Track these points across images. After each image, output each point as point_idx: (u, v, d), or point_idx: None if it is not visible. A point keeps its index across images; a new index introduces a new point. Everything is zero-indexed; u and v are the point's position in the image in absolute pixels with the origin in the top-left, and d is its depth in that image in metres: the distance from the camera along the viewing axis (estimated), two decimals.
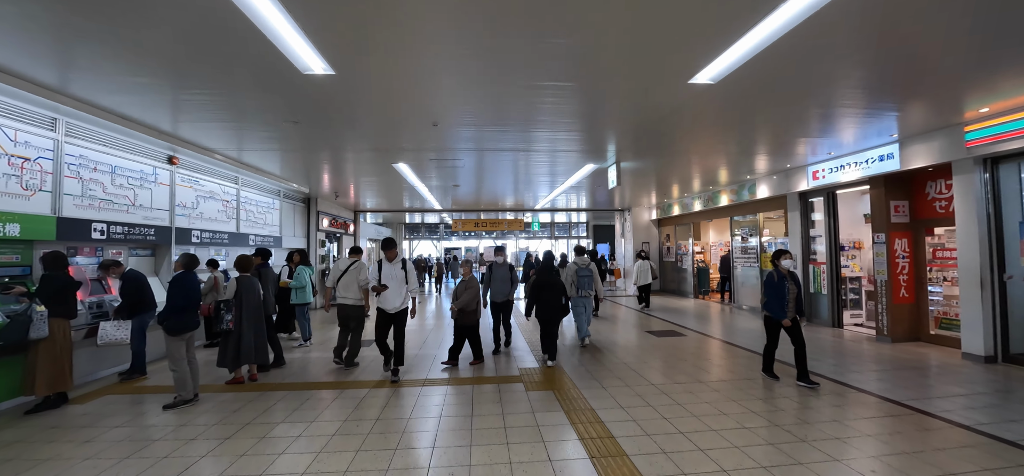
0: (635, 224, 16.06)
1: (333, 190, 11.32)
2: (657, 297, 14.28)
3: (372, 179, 10.11)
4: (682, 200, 13.70)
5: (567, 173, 9.46)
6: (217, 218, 8.27)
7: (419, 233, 23.59)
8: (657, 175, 10.07)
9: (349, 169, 8.91)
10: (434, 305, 13.06)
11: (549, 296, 5.96)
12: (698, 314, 10.57)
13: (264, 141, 6.63)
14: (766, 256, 10.55)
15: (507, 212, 17.05)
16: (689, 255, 14.10)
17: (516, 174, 9.79)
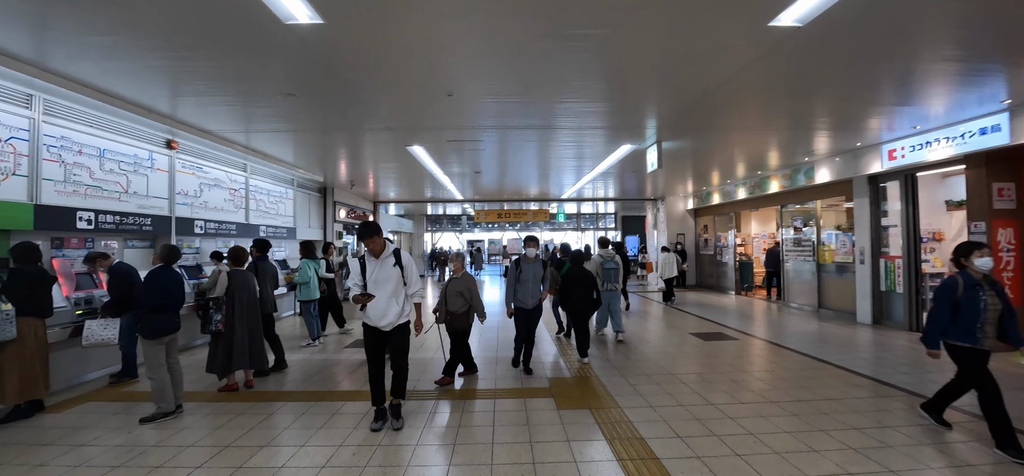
0: (669, 214, 14.95)
1: (349, 179, 10.75)
2: (694, 293, 13.20)
3: (389, 166, 9.46)
4: (724, 188, 12.53)
5: (598, 157, 8.54)
6: (224, 207, 7.77)
7: (441, 225, 23.04)
8: (697, 159, 9.02)
9: (363, 155, 8.27)
10: None
11: (581, 290, 5.68)
12: (743, 313, 9.51)
13: (269, 121, 6.01)
14: (824, 249, 9.37)
15: (531, 202, 16.23)
16: (730, 248, 12.93)
17: (541, 160, 8.94)
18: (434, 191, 13.58)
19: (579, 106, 5.43)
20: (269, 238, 9.11)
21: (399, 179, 11.33)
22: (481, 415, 4.04)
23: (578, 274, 5.71)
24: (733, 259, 12.79)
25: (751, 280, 12.57)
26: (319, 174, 10.08)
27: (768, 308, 10.15)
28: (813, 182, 9.17)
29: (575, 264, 5.82)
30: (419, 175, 10.44)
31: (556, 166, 9.60)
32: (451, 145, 7.28)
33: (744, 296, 12.33)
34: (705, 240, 14.42)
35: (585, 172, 10.27)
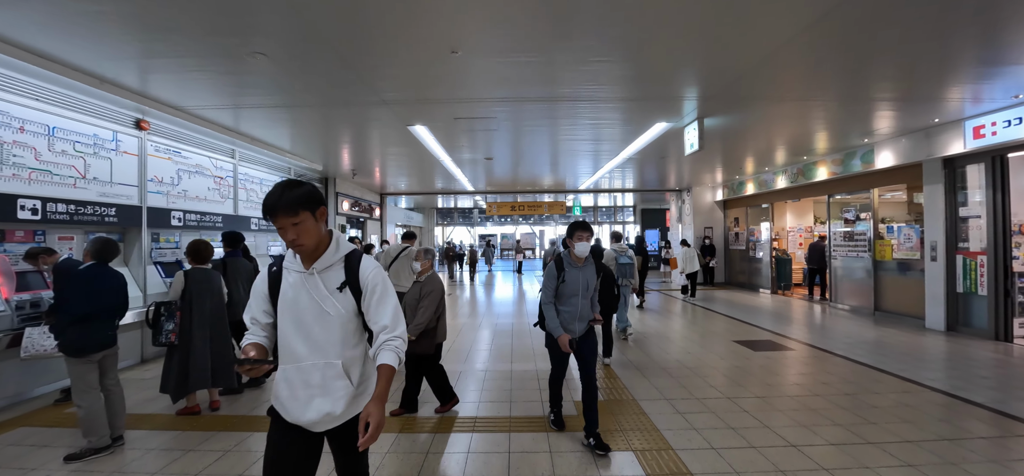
0: (696, 207, 13.84)
1: (351, 168, 9.93)
2: (723, 291, 12.13)
3: (393, 153, 8.60)
4: (760, 176, 11.38)
5: (624, 139, 7.53)
6: (207, 197, 6.99)
7: (452, 219, 22.24)
8: (738, 141, 7.94)
9: (362, 139, 7.42)
10: (469, 295, 11.55)
11: (601, 288, 4.85)
12: (787, 315, 8.44)
13: (253, 94, 5.16)
14: (882, 244, 8.24)
15: (545, 194, 15.27)
16: (766, 242, 11.80)
17: (558, 145, 7.99)
18: (444, 182, 12.71)
19: (607, 69, 4.46)
20: (261, 231, 8.36)
21: (406, 169, 10.48)
22: (483, 460, 3.14)
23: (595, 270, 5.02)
24: (769, 255, 11.66)
25: (789, 278, 11.44)
26: (318, 162, 9.27)
27: (813, 310, 9.05)
28: (871, 167, 8.02)
29: (593, 259, 5.10)
30: (427, 164, 9.57)
31: (574, 152, 8.63)
32: (459, 124, 6.37)
33: (781, 295, 11.22)
34: (735, 234, 13.29)
35: (606, 159, 9.27)
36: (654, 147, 7.94)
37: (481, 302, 10.87)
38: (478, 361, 5.54)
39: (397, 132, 6.71)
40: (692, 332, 7.14)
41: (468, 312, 9.28)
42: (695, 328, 7.43)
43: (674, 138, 7.15)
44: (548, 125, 6.58)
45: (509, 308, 9.76)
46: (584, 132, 7.05)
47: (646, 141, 7.42)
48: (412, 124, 6.28)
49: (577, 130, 6.91)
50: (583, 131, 6.99)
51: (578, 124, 6.55)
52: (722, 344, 6.26)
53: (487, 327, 7.66)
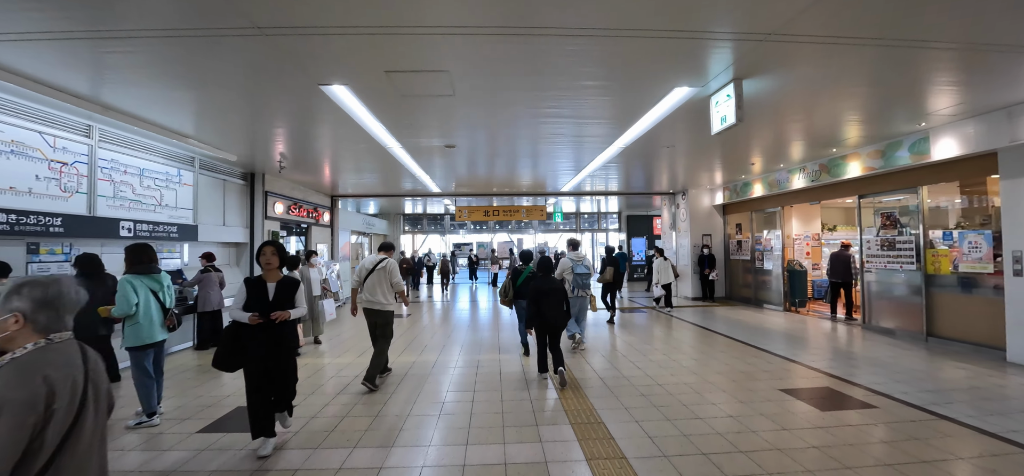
0: (692, 212, 12.26)
1: (278, 160, 7.84)
2: (724, 307, 10.54)
3: (322, 136, 6.60)
4: (771, 175, 9.84)
5: (631, 112, 5.74)
6: (34, 189, 4.84)
7: (421, 226, 20.16)
8: (765, 122, 6.30)
9: (267, 113, 5.40)
10: (436, 314, 9.49)
11: (551, 302, 4.90)
12: (821, 342, 6.80)
13: (114, 44, 3.15)
14: (935, 254, 6.70)
15: (523, 197, 13.44)
16: (776, 251, 10.25)
17: (538, 129, 6.17)
18: (405, 183, 10.72)
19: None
20: (151, 237, 6.21)
21: (353, 163, 8.47)
22: None
23: (546, 285, 4.92)
24: (780, 266, 10.10)
25: (804, 293, 9.89)
26: (229, 149, 7.15)
27: (845, 333, 7.45)
28: (924, 159, 6.49)
29: (542, 272, 5.06)
30: (376, 156, 7.60)
31: (559, 139, 6.82)
32: (397, 85, 4.45)
33: (795, 312, 9.66)
34: (738, 243, 11.73)
35: (599, 148, 7.49)
36: (664, 129, 6.20)
37: (451, 324, 8.90)
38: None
39: (305, 97, 4.73)
40: (713, 370, 5.35)
41: (433, 340, 7.29)
42: (715, 365, 5.66)
43: (694, 115, 5.41)
44: (526, 93, 4.74)
45: (486, 335, 7.83)
46: (575, 105, 5.25)
47: (657, 117, 5.64)
48: (326, 82, 4.32)
49: (567, 100, 5.09)
50: (574, 103, 5.18)
51: (568, 91, 4.73)
52: (767, 396, 4.48)
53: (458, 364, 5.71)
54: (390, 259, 4.99)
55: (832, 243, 12.44)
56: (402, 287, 4.99)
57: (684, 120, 5.70)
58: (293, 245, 11.00)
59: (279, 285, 3.47)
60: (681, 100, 4.95)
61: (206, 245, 7.75)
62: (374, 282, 4.86)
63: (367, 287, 4.87)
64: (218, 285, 6.98)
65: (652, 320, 9.05)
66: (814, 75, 4.39)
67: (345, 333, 8.05)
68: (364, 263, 4.99)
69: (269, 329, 3.33)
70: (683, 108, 5.20)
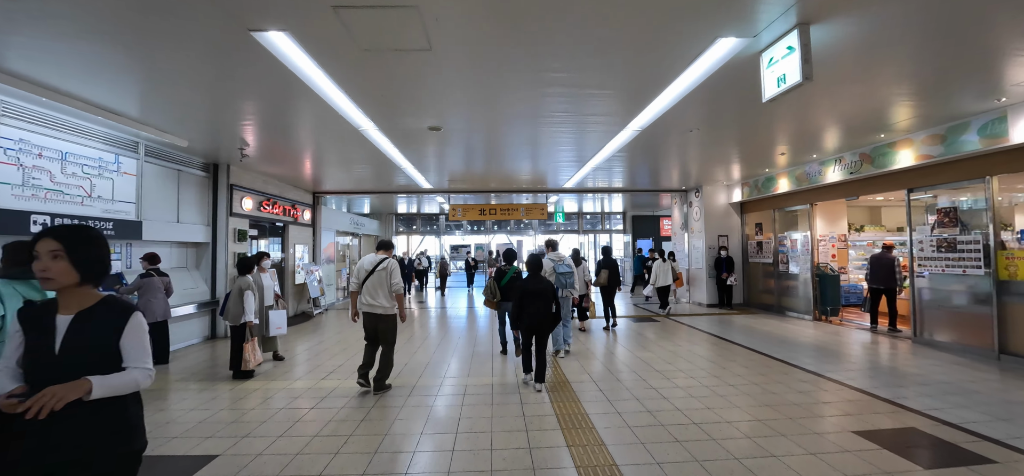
0: (706, 210, 11.21)
1: (239, 146, 6.81)
2: (743, 315, 9.48)
3: (277, 112, 5.57)
4: (799, 169, 8.79)
5: (659, 78, 4.71)
6: None
7: (414, 226, 19.11)
8: (821, 89, 5.28)
9: (203, 78, 4.36)
10: (435, 319, 8.37)
11: (537, 305, 4.63)
12: (872, 360, 5.73)
13: None
14: (1009, 256, 5.65)
15: (523, 195, 12.40)
16: (804, 254, 9.20)
17: (539, 106, 5.15)
18: (391, 178, 9.69)
19: None
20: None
21: (327, 153, 7.44)
22: None
23: (534, 286, 4.68)
24: (809, 270, 9.04)
25: (837, 300, 8.83)
26: (178, 133, 6.11)
27: (898, 348, 6.38)
28: (999, 143, 5.44)
29: (531, 273, 4.83)
30: (351, 143, 6.57)
31: (564, 124, 5.78)
32: (358, 38, 3.41)
33: (826, 321, 8.62)
34: (758, 244, 10.68)
35: (607, 134, 6.45)
36: (692, 105, 5.16)
37: (438, 336, 7.84)
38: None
39: (236, 51, 3.68)
40: (760, 404, 4.28)
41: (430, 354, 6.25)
42: (760, 393, 4.59)
43: (733, 81, 4.37)
44: (524, 52, 3.70)
45: (487, 347, 6.77)
46: (582, 73, 4.21)
47: (685, 87, 4.59)
48: (258, 27, 3.27)
49: (575, 64, 4.06)
50: (581, 71, 4.14)
51: (576, 55, 3.70)
52: (836, 440, 3.42)
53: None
54: (391, 259, 4.67)
55: (858, 245, 11.47)
56: (400, 289, 4.63)
57: (720, 88, 4.65)
58: (263, 246, 9.96)
59: (79, 320, 1.58)
60: (721, 59, 3.90)
61: (154, 245, 6.70)
62: (374, 284, 4.55)
63: (367, 289, 4.57)
64: (163, 292, 5.95)
65: (663, 330, 7.98)
66: (889, 23, 3.34)
67: (303, 349, 6.99)
68: (362, 263, 4.69)
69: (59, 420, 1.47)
70: (721, 72, 4.15)
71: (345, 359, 6.20)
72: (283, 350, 6.75)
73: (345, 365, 5.85)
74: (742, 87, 4.47)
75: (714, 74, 4.20)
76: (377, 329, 4.62)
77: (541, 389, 4.65)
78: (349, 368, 5.68)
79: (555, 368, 5.59)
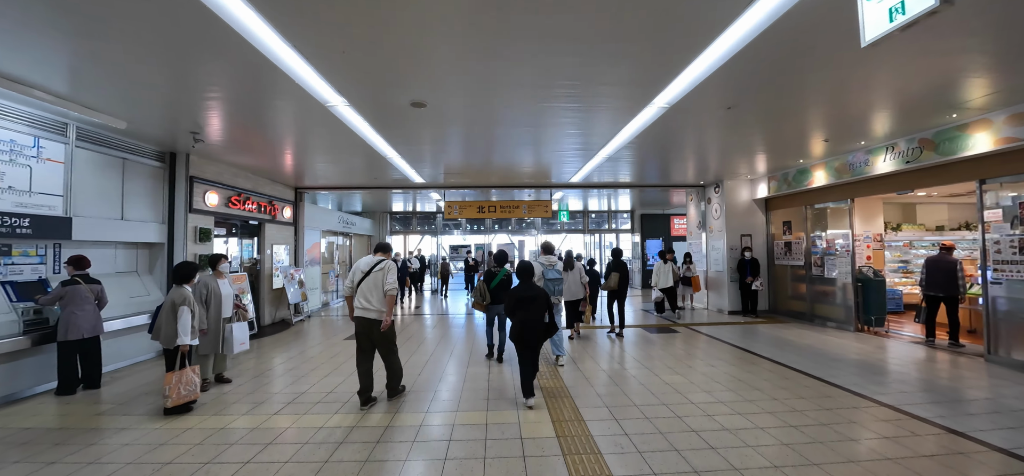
0: (727, 207, 10.16)
1: (193, 131, 5.80)
2: (770, 325, 8.42)
3: (226, 82, 4.56)
4: (841, 157, 7.72)
5: (704, 31, 3.69)
6: None
7: (410, 225, 18.10)
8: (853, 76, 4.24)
9: (124, 36, 3.36)
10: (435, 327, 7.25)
11: (529, 312, 4.30)
12: (955, 388, 4.67)
13: None
14: None
15: (525, 191, 11.36)
16: (845, 255, 8.14)
17: (544, 68, 4.13)
18: (378, 171, 8.67)
19: None
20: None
21: (298, 139, 6.45)
22: None
23: (525, 293, 4.36)
24: (850, 274, 7.98)
25: (882, 308, 7.77)
26: (117, 114, 5.10)
27: (975, 369, 5.31)
28: None
29: (523, 279, 4.54)
30: (327, 131, 5.57)
31: (571, 103, 4.76)
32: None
33: (870, 333, 7.56)
34: (786, 244, 9.62)
35: (624, 114, 5.42)
36: (735, 72, 4.13)
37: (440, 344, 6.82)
38: None
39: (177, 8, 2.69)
40: (839, 461, 3.24)
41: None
42: (839, 443, 3.54)
43: (802, 32, 3.34)
44: (525, 4, 2.70)
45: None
46: (598, 31, 3.20)
47: (742, 36, 3.53)
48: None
49: (588, 23, 3.04)
50: (597, 31, 3.13)
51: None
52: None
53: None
54: (388, 260, 4.44)
55: (894, 245, 10.42)
56: (394, 291, 4.30)
57: (772, 48, 3.60)
58: (234, 247, 8.96)
59: None
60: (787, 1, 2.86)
61: (91, 247, 5.70)
62: (370, 287, 4.29)
63: (362, 292, 4.29)
64: (92, 303, 4.96)
65: (687, 343, 6.92)
66: None
67: (268, 367, 5.97)
68: (359, 265, 4.44)
69: None
70: (783, 22, 3.10)
71: (316, 381, 5.19)
72: (246, 366, 5.74)
73: (311, 390, 4.83)
74: (802, 45, 3.44)
75: (771, 27, 3.15)
76: (372, 335, 4.30)
77: (531, 404, 4.26)
78: (315, 394, 4.66)
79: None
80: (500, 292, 5.79)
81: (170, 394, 4.16)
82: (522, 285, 4.51)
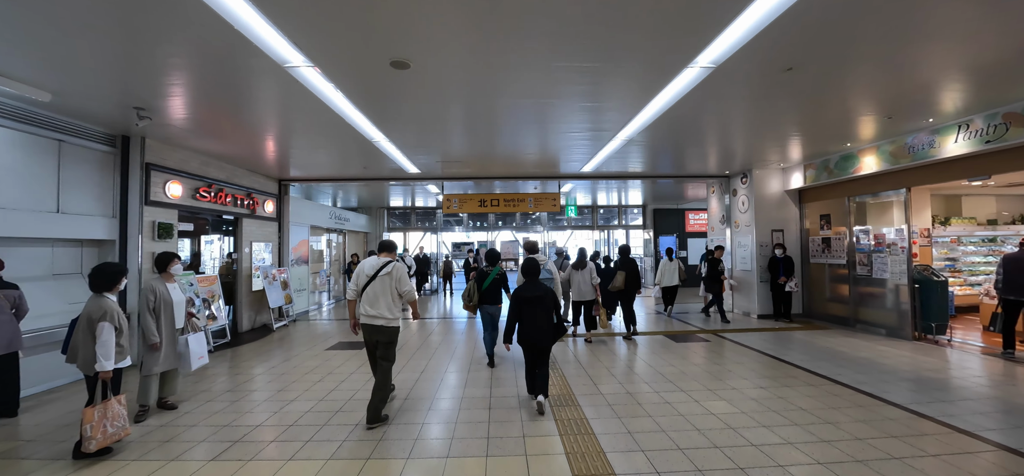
0: (758, 200, 9.14)
1: (137, 107, 4.87)
2: (815, 333, 7.41)
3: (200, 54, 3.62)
4: (899, 139, 6.69)
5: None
6: None
7: (409, 221, 17.16)
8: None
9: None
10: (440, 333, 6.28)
11: (536, 315, 4.04)
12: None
13: None
14: None
15: (529, 182, 10.39)
16: (899, 252, 7.11)
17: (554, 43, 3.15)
18: (370, 162, 7.74)
19: None
20: None
21: (280, 126, 5.53)
22: None
23: (530, 293, 4.06)
24: (905, 274, 6.96)
25: (944, 314, 6.75)
26: (39, 84, 4.18)
27: None
28: None
29: (527, 279, 4.19)
30: (297, 106, 4.65)
31: (593, 62, 3.80)
32: None
33: (929, 342, 6.56)
34: (823, 241, 8.60)
35: (659, 77, 4.45)
36: (817, 15, 3.15)
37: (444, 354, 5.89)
38: None
39: None
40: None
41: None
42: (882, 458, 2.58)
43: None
44: None
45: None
46: None
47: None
48: None
49: None
50: None
51: None
52: None
53: None
54: (396, 262, 4.07)
55: (941, 241, 9.40)
56: (414, 296, 4.06)
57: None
58: (204, 244, 8.06)
59: None
60: None
61: (12, 245, 4.79)
62: (376, 291, 3.93)
63: (367, 297, 3.96)
64: (8, 312, 4.07)
65: (726, 356, 5.93)
66: None
67: (234, 385, 5.04)
68: (362, 267, 4.09)
69: None
70: None
71: (292, 399, 4.27)
72: (202, 387, 4.82)
73: (285, 417, 3.90)
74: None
75: None
76: (377, 344, 3.94)
77: (544, 404, 4.03)
78: (293, 417, 3.73)
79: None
80: (491, 293, 5.57)
81: (93, 434, 3.24)
82: (527, 284, 4.17)
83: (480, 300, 5.60)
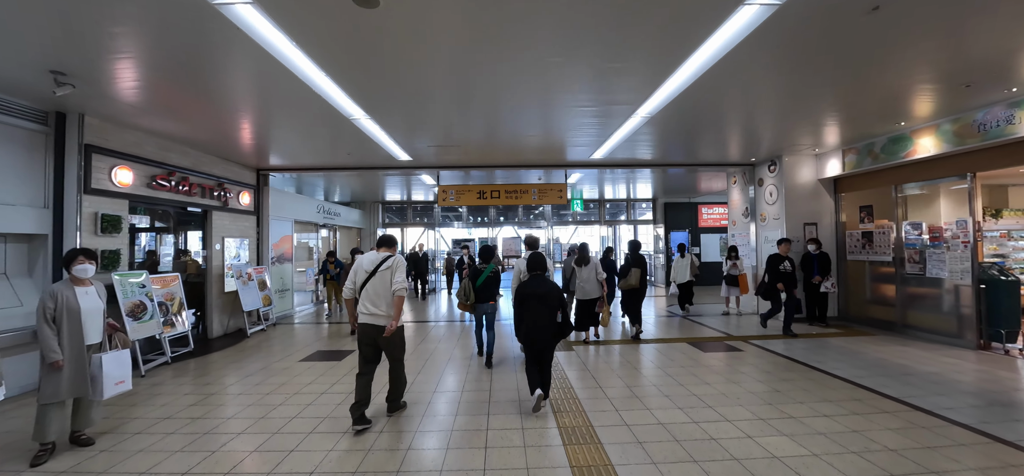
0: (787, 191, 8.20)
1: (55, 71, 3.98)
2: (843, 338, 6.44)
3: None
4: (965, 116, 5.74)
5: None
6: None
7: (405, 217, 16.26)
8: None
9: None
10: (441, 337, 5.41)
11: (539, 312, 3.90)
12: None
13: None
14: None
15: (533, 171, 9.47)
16: (962, 248, 6.17)
17: None
18: (355, 148, 6.85)
19: None
20: None
21: (238, 95, 4.65)
22: None
23: (535, 289, 3.94)
24: (969, 273, 6.02)
25: (1016, 319, 5.82)
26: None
27: None
28: None
29: (532, 273, 4.11)
30: (245, 61, 3.76)
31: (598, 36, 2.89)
32: None
33: (999, 352, 5.63)
34: (864, 235, 7.65)
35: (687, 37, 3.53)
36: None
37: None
38: None
39: None
40: None
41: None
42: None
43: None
44: None
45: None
46: None
47: None
48: None
49: None
50: None
51: None
52: None
53: None
54: (396, 256, 3.81)
55: (990, 236, 8.41)
56: (403, 290, 3.68)
57: None
58: (172, 240, 7.19)
59: None
60: None
61: None
62: (376, 289, 3.68)
63: (366, 295, 3.69)
64: None
65: (766, 370, 5.01)
66: None
67: (186, 406, 4.14)
68: (361, 263, 3.81)
69: None
70: None
71: (217, 444, 3.37)
72: (146, 412, 3.93)
73: (198, 469, 3.01)
74: None
75: None
76: (379, 343, 3.74)
77: (545, 403, 3.96)
78: (218, 463, 2.85)
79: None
80: (486, 290, 5.45)
81: None
82: (532, 280, 4.04)
83: (476, 298, 5.49)
